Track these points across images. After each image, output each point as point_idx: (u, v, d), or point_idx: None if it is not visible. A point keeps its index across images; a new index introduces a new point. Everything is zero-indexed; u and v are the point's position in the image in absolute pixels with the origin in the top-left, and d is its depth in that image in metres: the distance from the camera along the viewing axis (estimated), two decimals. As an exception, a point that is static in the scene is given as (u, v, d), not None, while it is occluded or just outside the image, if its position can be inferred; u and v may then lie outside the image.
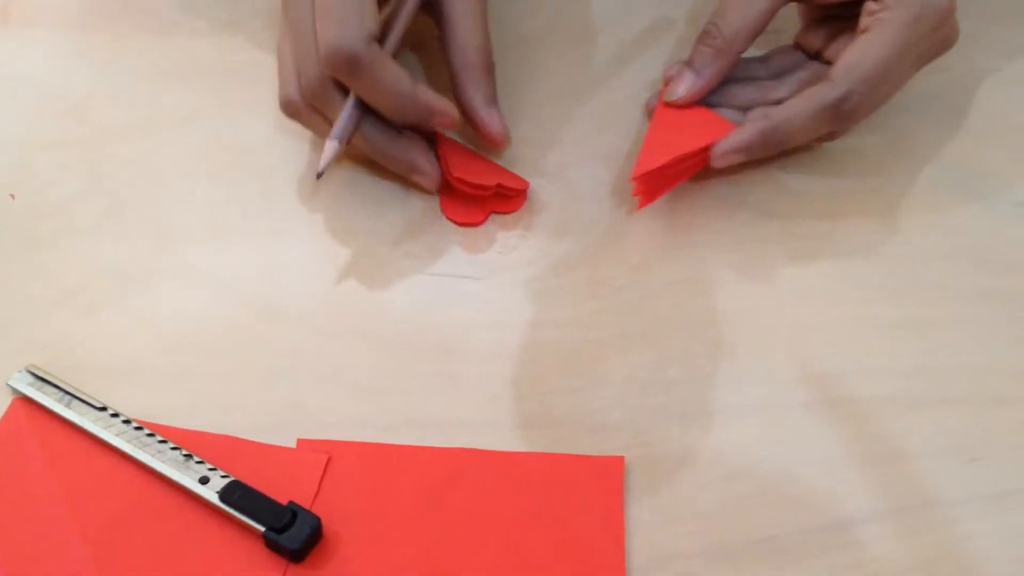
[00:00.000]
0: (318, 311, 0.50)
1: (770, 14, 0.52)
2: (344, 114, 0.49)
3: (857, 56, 0.50)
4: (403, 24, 0.51)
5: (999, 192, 0.54)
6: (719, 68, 0.52)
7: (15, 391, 0.46)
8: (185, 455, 0.44)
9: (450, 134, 0.55)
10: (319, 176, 0.49)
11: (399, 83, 0.49)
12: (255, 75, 0.59)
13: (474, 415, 0.46)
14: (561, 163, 0.56)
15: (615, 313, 0.50)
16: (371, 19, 0.47)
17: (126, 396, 0.46)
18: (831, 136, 0.53)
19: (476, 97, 0.52)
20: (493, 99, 0.53)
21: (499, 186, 0.52)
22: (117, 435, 0.45)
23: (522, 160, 0.55)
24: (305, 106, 0.51)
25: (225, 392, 0.47)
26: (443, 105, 0.51)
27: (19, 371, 0.47)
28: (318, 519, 0.42)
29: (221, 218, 0.53)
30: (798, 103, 0.51)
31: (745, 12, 0.51)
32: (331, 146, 0.49)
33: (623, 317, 0.49)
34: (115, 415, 0.45)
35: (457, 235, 0.52)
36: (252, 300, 0.50)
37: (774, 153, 0.52)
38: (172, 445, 0.44)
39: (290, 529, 0.42)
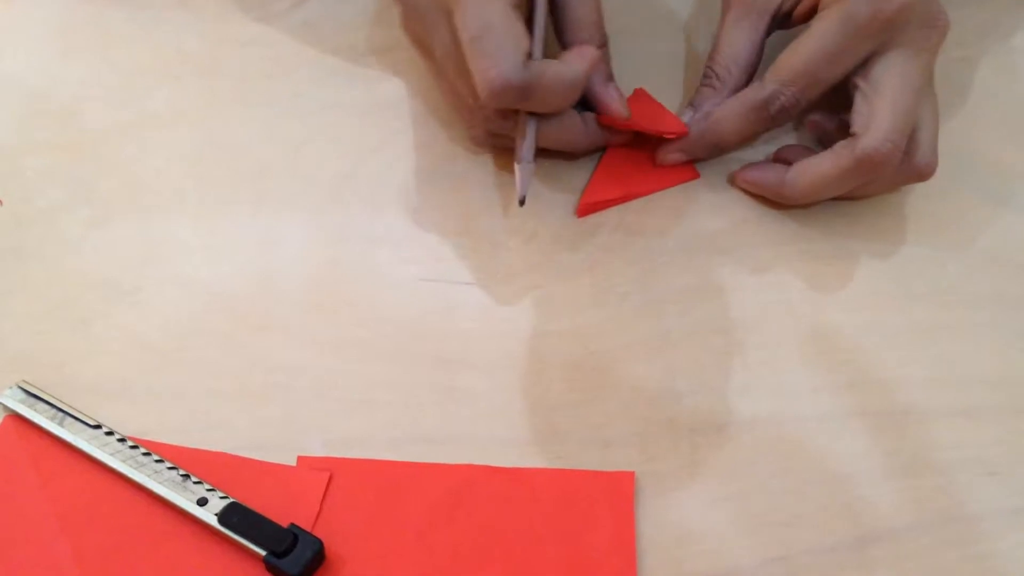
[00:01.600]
0: (314, 321, 0.48)
1: (759, 44, 0.53)
2: (528, 136, 0.49)
3: (785, 57, 0.50)
4: (542, 23, 0.50)
5: (1017, 191, 0.53)
6: (717, 103, 0.53)
7: (6, 408, 0.45)
8: (182, 475, 0.43)
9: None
10: (522, 203, 0.50)
11: (563, 81, 0.47)
12: (247, 70, 0.57)
13: (476, 430, 0.45)
14: (564, 164, 0.54)
15: (620, 322, 0.48)
16: (522, 39, 0.46)
17: (119, 413, 0.45)
18: (860, 191, 0.51)
19: (593, 76, 0.51)
20: (610, 76, 0.52)
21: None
22: (112, 454, 0.44)
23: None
24: (489, 136, 0.52)
25: (221, 407, 0.46)
26: (580, 64, 0.49)
27: (10, 387, 0.45)
28: (320, 542, 0.41)
29: (212, 225, 0.51)
30: (729, 103, 0.52)
31: (734, 48, 0.53)
32: (526, 168, 0.49)
33: (628, 326, 0.48)
34: (109, 433, 0.44)
35: (459, 240, 0.51)
36: (246, 311, 0.48)
37: (717, 154, 0.54)
38: (169, 465, 0.43)
39: (292, 553, 0.41)
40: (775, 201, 0.52)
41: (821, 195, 0.51)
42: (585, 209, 0.52)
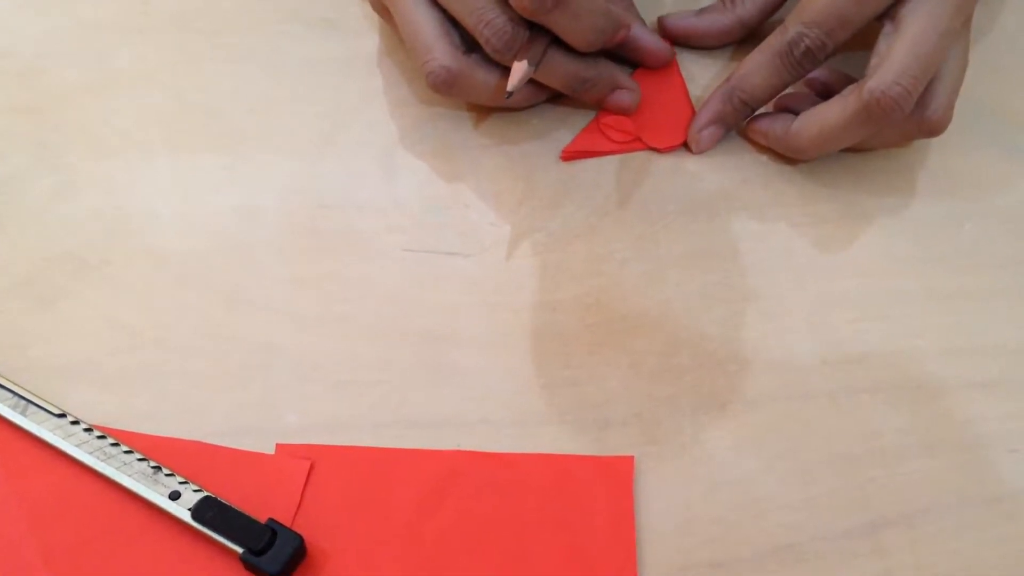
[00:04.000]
0: (293, 296, 0.46)
1: None
2: (540, 41, 0.46)
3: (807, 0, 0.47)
4: None
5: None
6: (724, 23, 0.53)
7: (-36, 396, 0.42)
8: (153, 467, 0.41)
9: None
10: (508, 96, 0.45)
11: (596, 3, 0.46)
12: (219, 23, 0.54)
13: (466, 411, 0.43)
14: (556, 124, 0.51)
15: (618, 292, 0.46)
16: None
17: (86, 399, 0.43)
18: (868, 143, 0.48)
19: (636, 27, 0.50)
20: (639, 17, 0.52)
21: None
22: (78, 446, 0.41)
23: (515, 122, 0.51)
24: (466, 69, 0.47)
25: (195, 392, 0.43)
26: (627, 15, 0.49)
27: (-32, 373, 0.43)
28: (300, 538, 0.39)
29: (184, 193, 0.48)
30: (752, 56, 0.49)
31: None
32: (523, 67, 0.45)
33: (627, 296, 0.46)
34: (75, 422, 0.42)
35: (445, 206, 0.48)
36: (221, 287, 0.46)
37: (749, 114, 0.50)
38: (139, 456, 0.41)
39: (270, 550, 0.39)
40: (785, 155, 0.49)
41: (828, 146, 0.48)
42: (570, 155, 0.50)
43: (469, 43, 0.47)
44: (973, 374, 0.44)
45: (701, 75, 0.53)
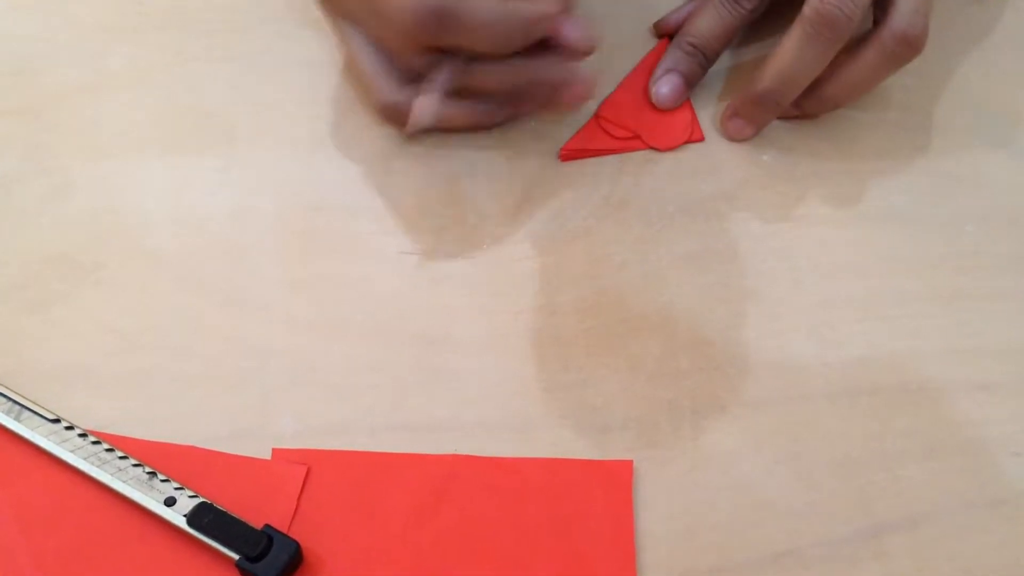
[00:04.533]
0: (288, 299, 0.45)
1: None
2: (444, 70, 0.44)
3: None
4: None
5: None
6: None
7: (-42, 401, 0.42)
8: (149, 473, 0.40)
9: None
10: (409, 134, 0.47)
11: (491, 7, 0.43)
12: (213, 24, 0.53)
13: (463, 415, 0.43)
14: (554, 125, 0.50)
15: (616, 294, 0.45)
16: None
17: (81, 403, 0.42)
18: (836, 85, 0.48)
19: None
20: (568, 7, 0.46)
21: None
22: (72, 451, 0.41)
23: (513, 123, 0.50)
24: (407, 101, 0.46)
25: (190, 397, 0.43)
26: (542, 5, 0.44)
27: (-39, 378, 0.42)
28: (296, 544, 0.39)
29: (179, 195, 0.48)
30: (783, 41, 0.47)
31: None
32: (425, 101, 0.44)
33: (626, 298, 0.45)
34: (70, 427, 0.41)
35: (442, 208, 0.47)
36: (216, 289, 0.45)
37: (704, 64, 0.50)
38: (134, 462, 0.40)
39: (266, 556, 0.38)
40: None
41: (860, 95, 0.49)
42: (568, 154, 0.49)
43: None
44: (975, 376, 0.43)
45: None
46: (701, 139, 0.50)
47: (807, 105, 0.49)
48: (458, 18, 0.42)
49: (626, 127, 0.49)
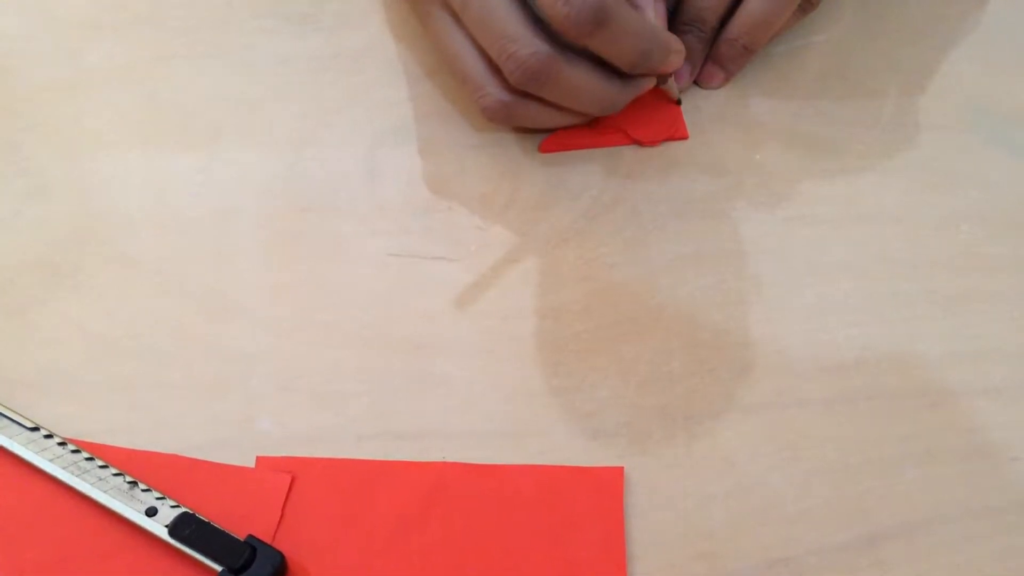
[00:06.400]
0: (273, 303, 0.44)
1: None
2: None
3: None
4: None
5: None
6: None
7: (-68, 409, 0.41)
8: (130, 482, 0.39)
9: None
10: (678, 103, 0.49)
11: (644, 21, 0.43)
12: (193, 19, 0.52)
13: (451, 422, 0.42)
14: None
15: (608, 297, 0.44)
16: None
17: (60, 411, 0.41)
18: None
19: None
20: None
21: None
22: (52, 460, 0.40)
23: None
24: (519, 100, 0.45)
25: (171, 404, 0.42)
26: (676, 39, 0.46)
27: (-64, 386, 0.41)
28: (281, 555, 0.38)
29: (159, 196, 0.47)
30: None
31: None
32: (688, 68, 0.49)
33: (617, 302, 0.44)
34: (48, 436, 0.40)
35: (430, 209, 0.47)
36: (198, 293, 0.44)
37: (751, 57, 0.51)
38: (114, 471, 0.39)
39: (250, 568, 0.37)
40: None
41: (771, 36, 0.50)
42: (549, 146, 0.48)
43: None
44: (974, 380, 0.42)
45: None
46: (685, 136, 0.49)
47: (723, 53, 0.50)
48: (616, 21, 0.41)
49: (609, 120, 0.49)
